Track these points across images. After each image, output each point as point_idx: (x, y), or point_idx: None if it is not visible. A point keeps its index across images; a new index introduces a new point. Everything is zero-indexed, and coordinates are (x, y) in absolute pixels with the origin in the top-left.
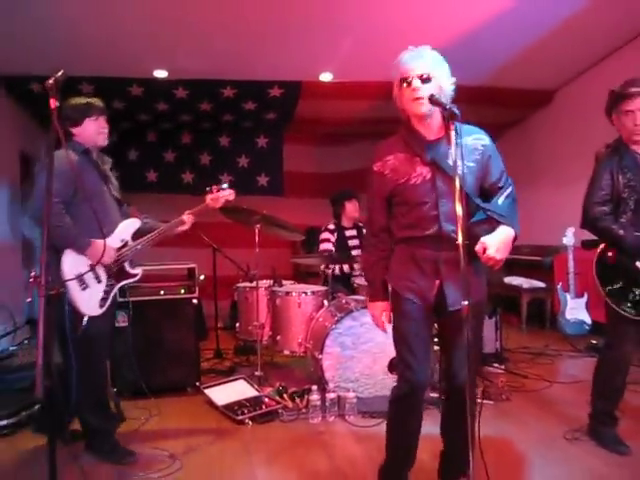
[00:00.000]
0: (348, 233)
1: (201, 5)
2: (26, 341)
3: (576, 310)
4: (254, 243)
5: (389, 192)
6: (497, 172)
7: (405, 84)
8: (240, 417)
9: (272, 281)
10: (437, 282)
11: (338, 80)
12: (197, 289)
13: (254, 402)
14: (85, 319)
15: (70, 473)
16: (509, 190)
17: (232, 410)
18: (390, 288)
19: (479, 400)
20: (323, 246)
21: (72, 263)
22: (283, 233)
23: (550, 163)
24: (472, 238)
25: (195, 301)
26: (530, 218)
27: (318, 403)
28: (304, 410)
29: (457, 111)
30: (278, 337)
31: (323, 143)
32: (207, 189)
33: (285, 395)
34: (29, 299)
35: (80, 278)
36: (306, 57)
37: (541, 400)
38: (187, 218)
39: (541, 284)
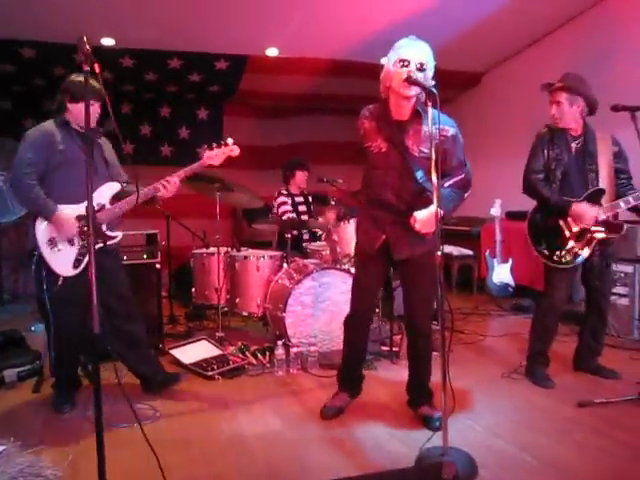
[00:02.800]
0: (297, 199)
1: None
2: None
3: (502, 274)
4: (202, 214)
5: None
6: (454, 161)
7: (403, 66)
8: (210, 373)
9: (230, 247)
10: (383, 237)
11: (283, 55)
12: (159, 254)
13: (220, 359)
14: (60, 279)
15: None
16: (457, 178)
17: (201, 367)
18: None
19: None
20: (282, 209)
21: (44, 228)
22: (243, 200)
23: (478, 140)
24: (412, 210)
25: (158, 266)
26: None
27: (283, 357)
28: (268, 365)
29: (435, 91)
30: (237, 300)
31: (263, 116)
32: (204, 146)
33: (247, 353)
34: None
35: (51, 240)
36: (254, 31)
37: (478, 350)
38: (172, 180)
39: (469, 252)
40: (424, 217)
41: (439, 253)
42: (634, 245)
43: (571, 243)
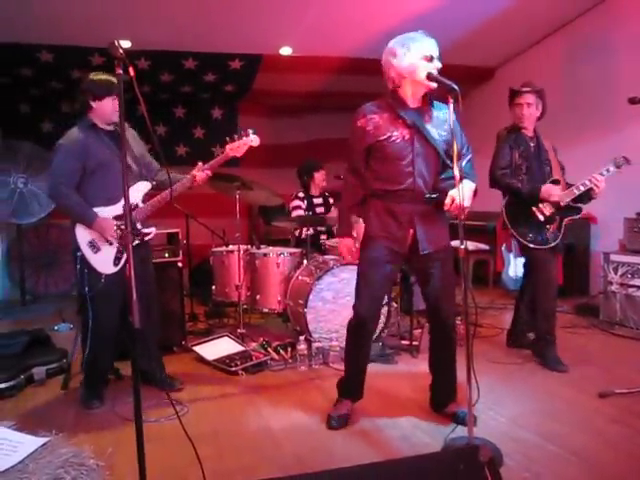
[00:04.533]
0: (316, 201)
1: None
2: None
3: (518, 268)
4: (220, 213)
5: (369, 145)
6: (460, 142)
7: (427, 60)
8: (233, 368)
9: (249, 245)
10: (411, 231)
11: (297, 54)
12: (181, 253)
13: (243, 355)
14: (102, 277)
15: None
16: (469, 156)
17: (224, 363)
18: (363, 235)
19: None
20: (295, 213)
21: (83, 231)
22: (261, 198)
23: (492, 135)
24: (440, 192)
25: (180, 264)
26: None
27: (305, 352)
28: (290, 360)
29: (456, 87)
30: (257, 296)
31: (277, 115)
32: (227, 139)
33: (269, 349)
34: None
35: (91, 242)
36: (268, 31)
37: (496, 343)
38: (199, 173)
39: (485, 246)
40: (463, 192)
41: (462, 246)
42: None
43: (548, 225)
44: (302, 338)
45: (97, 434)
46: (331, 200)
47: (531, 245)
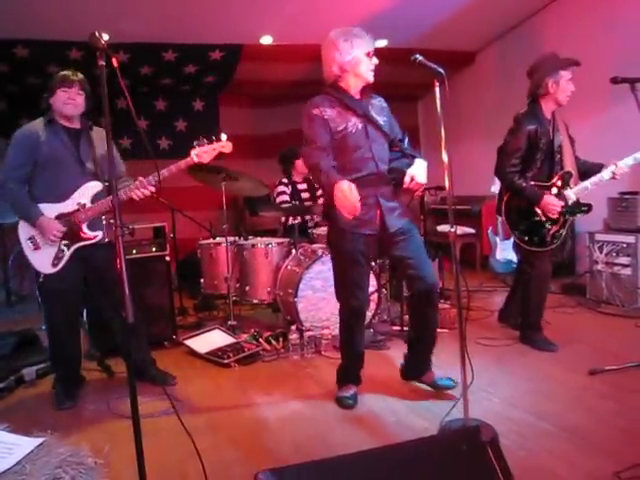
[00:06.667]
0: (300, 187)
1: None
2: None
3: (505, 251)
4: (205, 205)
5: (330, 135)
6: (397, 128)
7: (369, 56)
8: (226, 360)
9: (237, 236)
10: (378, 212)
11: (278, 43)
12: (168, 247)
13: (235, 347)
14: (41, 277)
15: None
16: (406, 140)
17: (216, 355)
18: (333, 228)
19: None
20: (280, 198)
21: (25, 227)
22: (247, 188)
23: (475, 119)
24: (398, 172)
25: (167, 258)
26: (457, 171)
27: (297, 342)
28: (282, 351)
29: (442, 70)
30: (247, 288)
31: (259, 105)
32: (195, 142)
33: (261, 339)
34: None
35: (31, 239)
36: (248, 20)
37: (486, 325)
38: (138, 191)
39: (471, 230)
40: (420, 169)
41: (452, 230)
42: (635, 215)
43: (548, 225)
44: (293, 327)
45: (92, 432)
46: (316, 185)
47: (526, 247)
